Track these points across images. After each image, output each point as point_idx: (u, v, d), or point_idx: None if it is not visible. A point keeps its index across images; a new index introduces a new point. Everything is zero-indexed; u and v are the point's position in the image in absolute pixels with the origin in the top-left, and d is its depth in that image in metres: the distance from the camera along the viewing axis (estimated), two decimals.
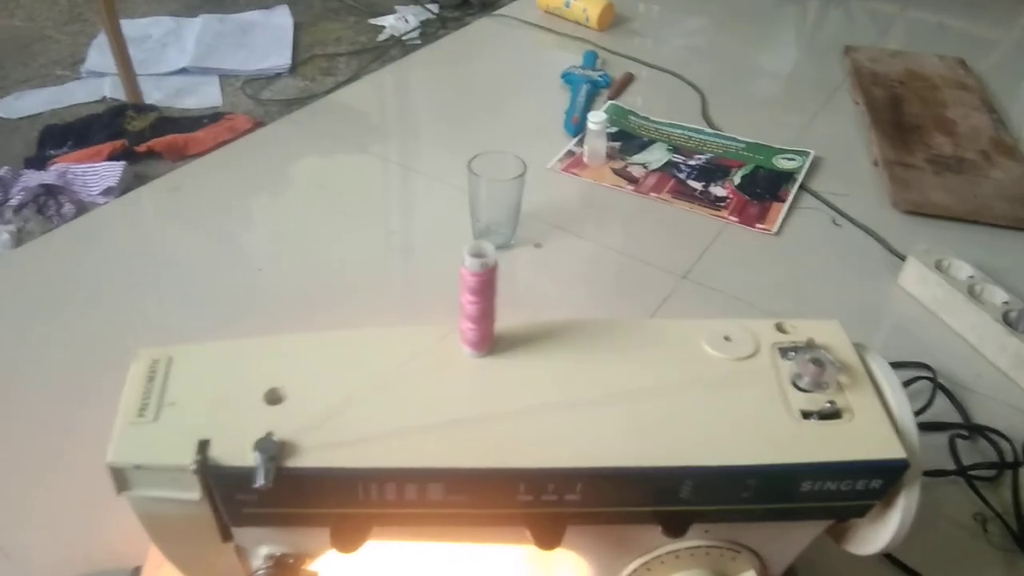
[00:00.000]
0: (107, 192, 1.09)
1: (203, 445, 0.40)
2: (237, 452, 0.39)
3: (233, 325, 0.82)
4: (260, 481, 0.38)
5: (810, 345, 0.44)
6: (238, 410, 0.41)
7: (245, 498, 0.40)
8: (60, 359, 0.78)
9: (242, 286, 0.88)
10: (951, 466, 0.71)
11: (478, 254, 0.42)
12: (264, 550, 0.46)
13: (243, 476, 0.39)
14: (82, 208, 1.07)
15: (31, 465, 0.68)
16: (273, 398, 0.42)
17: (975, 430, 0.75)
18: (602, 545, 0.46)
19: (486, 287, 0.42)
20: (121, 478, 0.40)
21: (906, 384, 0.78)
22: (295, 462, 0.39)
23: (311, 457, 0.40)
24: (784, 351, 0.45)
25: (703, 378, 0.44)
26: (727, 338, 0.46)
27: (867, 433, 0.41)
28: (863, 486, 0.41)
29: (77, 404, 0.71)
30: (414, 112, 1.28)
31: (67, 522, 0.63)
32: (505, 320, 0.47)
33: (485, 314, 0.44)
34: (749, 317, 0.48)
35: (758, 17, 1.62)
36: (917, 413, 0.75)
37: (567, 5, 1.48)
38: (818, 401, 0.42)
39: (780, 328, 0.47)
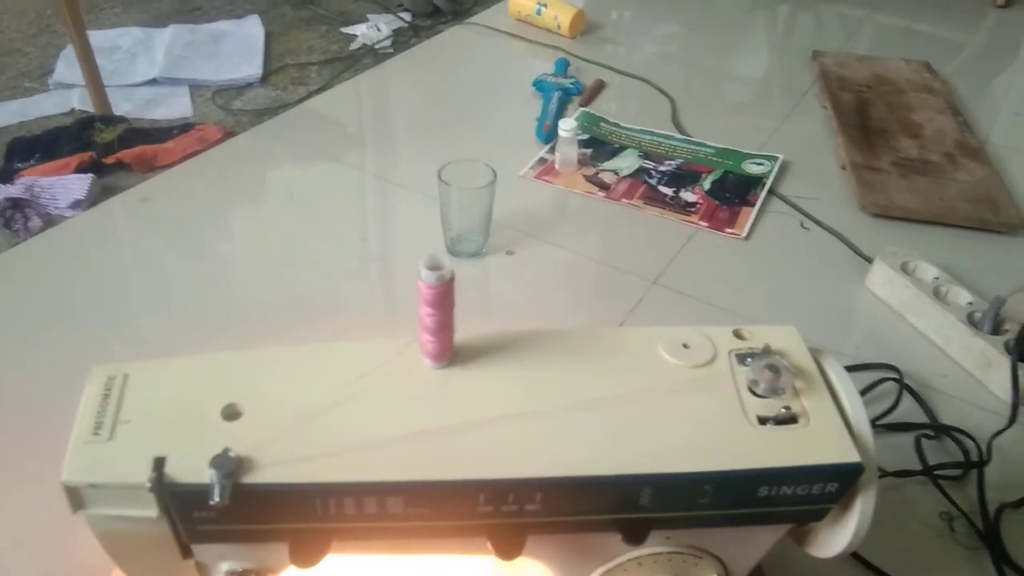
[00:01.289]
0: (75, 205, 1.08)
1: (159, 462, 0.39)
2: (193, 469, 0.39)
3: (204, 338, 0.82)
4: (216, 498, 0.38)
5: (766, 351, 0.45)
6: (194, 427, 0.41)
7: (203, 515, 0.40)
8: (29, 374, 0.77)
9: (213, 299, 0.88)
10: (917, 466, 0.71)
11: (434, 267, 0.42)
12: (225, 566, 0.46)
13: (200, 493, 0.39)
14: (50, 222, 1.05)
15: None
16: (230, 414, 0.42)
17: (941, 430, 0.76)
18: (564, 554, 0.46)
19: (443, 299, 0.43)
20: (76, 497, 0.40)
21: (873, 385, 0.79)
22: (252, 478, 0.39)
23: (268, 473, 0.39)
24: (741, 357, 0.45)
25: (661, 386, 0.44)
26: (685, 345, 0.46)
27: (822, 437, 0.42)
28: (819, 490, 0.42)
29: (45, 419, 0.70)
30: (386, 121, 1.28)
31: (33, 539, 0.63)
32: (477, 328, 0.47)
33: (443, 326, 0.44)
34: (718, 321, 0.48)
35: (729, 23, 1.64)
36: (884, 414, 0.76)
37: (538, 13, 1.49)
38: (774, 407, 0.43)
39: (738, 334, 0.47)
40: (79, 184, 1.11)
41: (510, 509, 0.41)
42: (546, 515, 0.41)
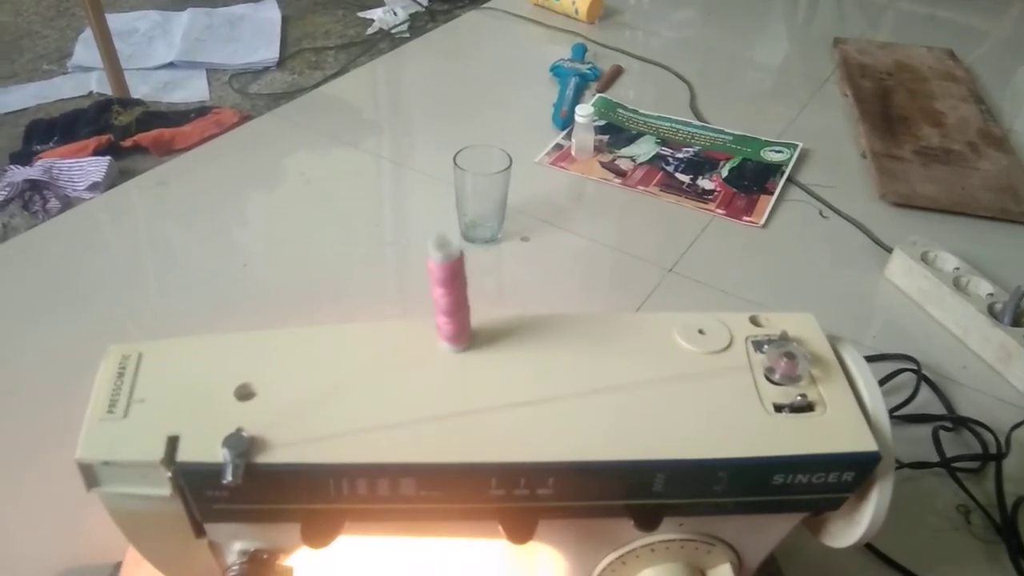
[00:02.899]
0: (93, 187, 1.09)
1: (172, 441, 0.39)
2: (207, 448, 0.39)
3: (218, 321, 0.82)
4: (228, 477, 0.38)
5: (783, 338, 0.44)
6: (208, 406, 0.41)
7: (215, 494, 0.40)
8: (45, 354, 0.78)
9: (228, 282, 0.88)
10: (935, 458, 0.71)
11: (442, 245, 0.41)
12: (238, 545, 0.46)
13: (213, 472, 0.39)
14: (67, 204, 1.06)
15: (14, 460, 0.68)
16: (244, 394, 0.42)
17: (959, 422, 0.75)
18: (576, 539, 0.46)
19: (454, 278, 0.42)
20: (90, 474, 0.40)
21: (891, 376, 0.78)
22: (265, 458, 0.39)
23: (281, 453, 0.39)
24: (758, 344, 0.45)
25: (676, 372, 0.43)
26: (701, 331, 0.45)
27: (839, 426, 0.41)
28: (836, 479, 0.41)
29: (62, 399, 0.71)
30: (402, 106, 1.27)
31: (49, 517, 0.63)
32: (491, 313, 0.47)
33: (458, 306, 0.43)
34: (735, 309, 0.48)
35: (749, 9, 1.62)
36: (901, 405, 0.75)
37: None
38: (790, 394, 0.42)
39: (754, 321, 0.46)
40: (97, 167, 1.12)
41: (522, 493, 0.41)
42: (558, 500, 0.41)
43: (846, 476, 0.41)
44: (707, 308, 0.85)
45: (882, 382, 0.77)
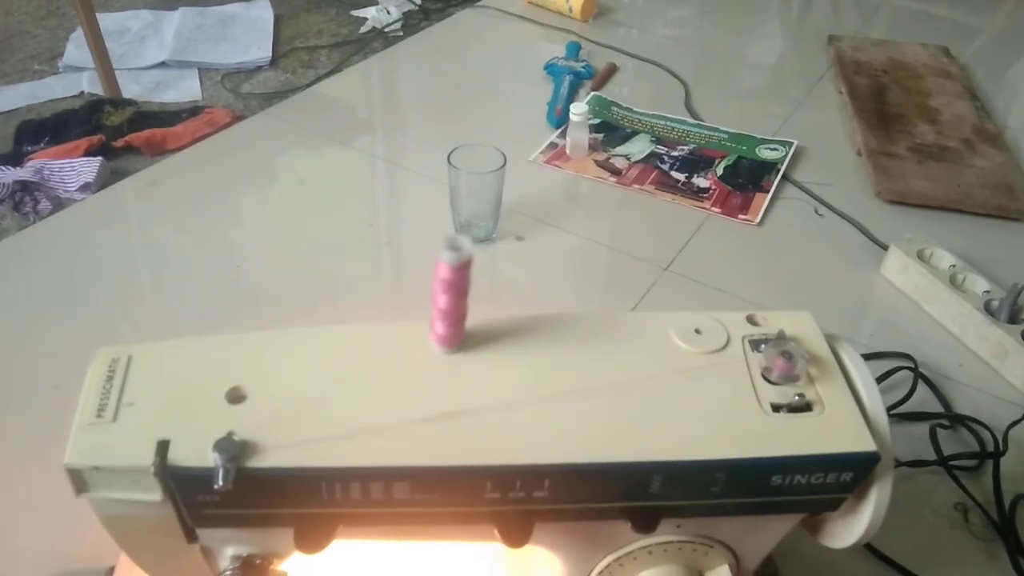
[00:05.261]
0: (84, 188, 1.08)
1: (162, 446, 0.39)
2: (197, 452, 0.39)
3: (212, 322, 0.82)
4: (219, 482, 0.37)
5: (780, 337, 0.44)
6: (199, 410, 0.40)
7: (207, 499, 0.40)
8: (38, 356, 0.77)
9: (221, 282, 0.87)
10: (932, 456, 0.70)
11: (455, 247, 0.41)
12: (231, 551, 0.45)
13: (204, 477, 0.38)
14: (59, 204, 1.06)
15: (6, 463, 0.67)
16: (235, 397, 0.41)
17: (956, 420, 0.75)
18: (572, 541, 0.46)
19: (461, 281, 0.42)
20: (79, 480, 0.39)
21: (888, 374, 0.78)
22: (257, 462, 0.39)
23: (273, 457, 0.39)
24: (755, 343, 0.45)
25: (673, 372, 0.43)
26: (698, 331, 0.45)
27: (837, 426, 0.41)
28: (834, 479, 0.41)
29: (53, 401, 0.70)
30: (396, 105, 1.27)
31: (42, 521, 0.63)
32: (485, 314, 0.46)
33: (457, 310, 0.43)
34: (731, 308, 0.48)
35: (743, 6, 1.61)
36: (898, 403, 0.75)
37: None
38: (788, 394, 0.42)
39: (751, 320, 0.46)
40: (88, 167, 1.12)
41: (518, 496, 0.40)
42: (554, 502, 0.41)
43: (844, 476, 0.41)
44: (703, 307, 0.85)
45: (879, 380, 0.77)
